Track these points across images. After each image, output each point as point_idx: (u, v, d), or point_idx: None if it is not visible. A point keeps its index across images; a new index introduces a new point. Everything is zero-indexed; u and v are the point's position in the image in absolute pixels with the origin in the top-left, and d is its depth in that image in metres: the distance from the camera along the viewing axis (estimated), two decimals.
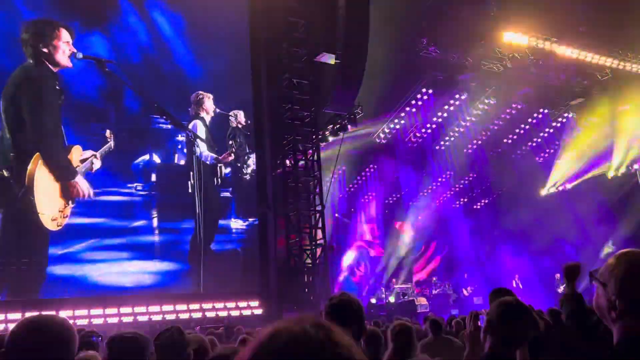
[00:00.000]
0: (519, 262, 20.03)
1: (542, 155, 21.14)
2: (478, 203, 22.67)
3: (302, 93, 13.80)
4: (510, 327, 2.30)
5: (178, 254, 12.44)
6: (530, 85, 17.61)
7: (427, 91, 17.19)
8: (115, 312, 10.72)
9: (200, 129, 12.99)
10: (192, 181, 12.45)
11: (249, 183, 13.90)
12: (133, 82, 11.85)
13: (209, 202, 12.76)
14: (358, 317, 2.48)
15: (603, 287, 1.60)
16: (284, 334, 0.85)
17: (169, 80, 13.06)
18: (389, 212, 21.82)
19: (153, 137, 13.02)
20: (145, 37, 13.03)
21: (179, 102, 12.99)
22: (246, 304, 12.22)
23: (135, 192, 12.43)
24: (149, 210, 12.68)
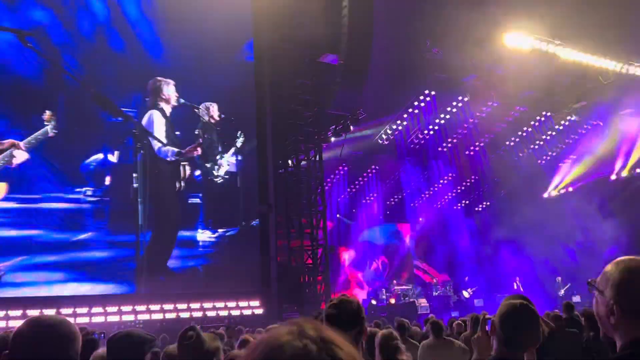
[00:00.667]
0: (520, 265, 19.99)
1: (545, 158, 21.11)
2: (480, 205, 22.65)
3: (305, 93, 13.80)
4: (516, 330, 2.29)
5: (128, 273, 10.79)
6: (533, 88, 17.57)
7: (429, 93, 17.18)
8: (116, 311, 10.72)
9: (158, 121, 11.34)
10: (136, 184, 10.51)
11: (222, 187, 12.34)
12: (83, 64, 10.43)
13: (166, 210, 11.19)
14: (358, 319, 2.48)
15: (601, 295, 1.61)
16: (286, 350, 0.81)
17: (133, 66, 11.52)
18: (390, 213, 21.80)
19: (109, 132, 10.96)
20: (105, 11, 11.44)
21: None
22: (247, 303, 12.22)
23: (84, 198, 10.61)
24: (100, 219, 10.86)
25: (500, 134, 19.39)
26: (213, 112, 12.36)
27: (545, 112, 18.97)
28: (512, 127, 19.16)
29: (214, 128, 12.37)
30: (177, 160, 11.72)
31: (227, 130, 12.78)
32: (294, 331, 0.84)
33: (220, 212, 12.64)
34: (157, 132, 11.39)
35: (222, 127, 12.56)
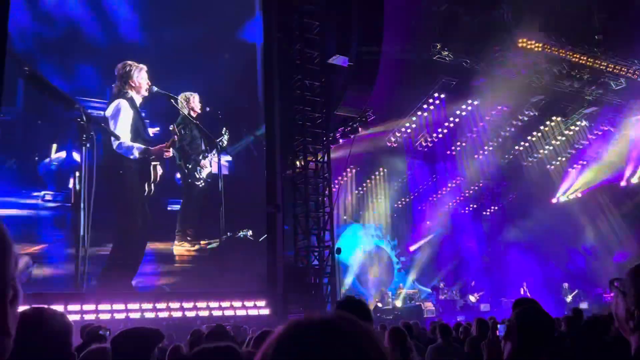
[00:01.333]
0: (527, 270, 19.90)
1: (554, 163, 21.00)
2: (488, 209, 22.56)
3: (314, 95, 13.81)
4: (532, 335, 2.28)
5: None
6: (544, 93, 17.51)
7: (439, 96, 17.15)
8: (123, 309, 10.74)
9: (125, 113, 9.92)
10: (78, 186, 8.97)
11: (204, 192, 11.15)
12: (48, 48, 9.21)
13: (132, 218, 9.84)
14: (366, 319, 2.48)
15: (623, 296, 1.58)
16: (310, 320, 0.84)
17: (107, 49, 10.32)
18: (397, 216, 21.76)
19: (75, 126, 9.13)
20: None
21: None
22: (253, 303, 12.22)
23: (42, 203, 9.29)
24: (61, 229, 9.53)
25: (509, 138, 19.31)
26: (194, 103, 10.84)
27: (555, 116, 18.89)
28: (521, 131, 19.08)
29: (194, 123, 10.92)
30: (144, 159, 10.26)
31: (214, 127, 11.68)
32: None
33: (200, 218, 11.38)
34: (122, 125, 9.88)
35: (206, 122, 11.25)
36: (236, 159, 12.71)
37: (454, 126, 18.54)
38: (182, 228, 11.19)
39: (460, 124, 18.49)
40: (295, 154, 13.96)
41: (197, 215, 11.55)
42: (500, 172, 20.57)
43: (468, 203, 22.30)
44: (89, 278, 9.86)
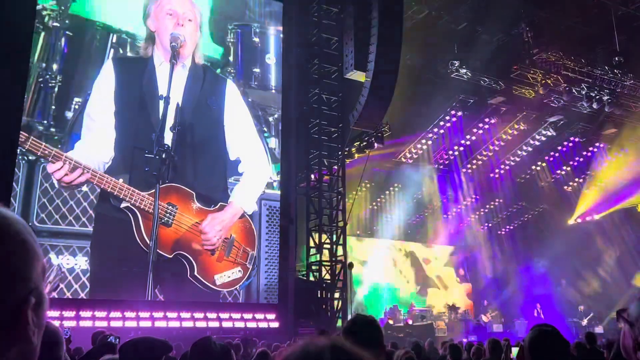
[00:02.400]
0: (542, 291, 19.65)
1: (571, 184, 20.80)
2: (503, 229, 22.37)
3: (331, 109, 13.88)
4: (546, 357, 2.25)
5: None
6: (562, 113, 17.41)
7: (456, 113, 17.13)
8: (134, 316, 10.77)
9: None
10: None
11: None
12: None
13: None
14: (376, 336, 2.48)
15: (630, 327, 1.56)
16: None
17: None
18: (410, 232, 21.66)
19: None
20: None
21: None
22: (263, 316, 12.20)
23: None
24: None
25: (526, 158, 19.19)
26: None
27: (573, 137, 18.75)
28: (538, 151, 18.96)
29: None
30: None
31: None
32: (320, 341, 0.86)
33: None
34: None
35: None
36: None
37: (471, 144, 18.47)
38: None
39: (477, 141, 18.42)
40: (310, 167, 13.99)
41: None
42: (517, 191, 20.41)
43: (483, 221, 22.13)
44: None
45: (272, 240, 12.57)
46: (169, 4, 10.97)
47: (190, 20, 11.06)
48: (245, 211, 11.75)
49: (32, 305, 0.81)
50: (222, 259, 11.42)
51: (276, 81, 13.42)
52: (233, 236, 11.57)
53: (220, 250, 11.38)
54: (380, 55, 12.13)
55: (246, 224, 11.85)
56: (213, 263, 11.30)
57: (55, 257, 9.99)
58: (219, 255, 11.38)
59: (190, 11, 11.21)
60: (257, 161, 12.23)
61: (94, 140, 10.34)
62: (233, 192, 11.66)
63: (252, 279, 11.96)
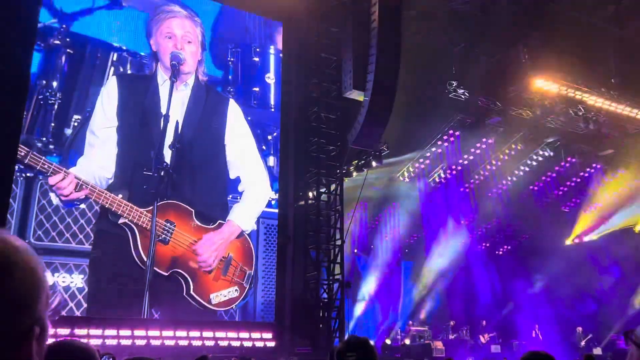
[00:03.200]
0: (539, 312, 19.55)
1: (569, 205, 20.82)
2: (500, 249, 22.33)
3: (330, 128, 13.94)
4: None
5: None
6: (559, 134, 17.51)
7: (454, 133, 17.21)
8: (129, 335, 10.69)
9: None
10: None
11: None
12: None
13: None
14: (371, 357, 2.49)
15: (638, 349, 1.56)
16: None
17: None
18: (409, 252, 21.60)
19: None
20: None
21: None
22: (260, 335, 12.11)
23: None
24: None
25: (523, 178, 19.24)
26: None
27: (570, 158, 18.82)
28: (536, 171, 19.01)
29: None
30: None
31: None
32: None
33: None
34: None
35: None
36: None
37: (468, 163, 18.53)
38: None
39: (474, 161, 18.49)
40: (308, 185, 14.01)
41: None
42: (514, 211, 20.40)
43: (481, 241, 22.10)
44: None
45: (269, 259, 12.54)
46: (167, 28, 11.09)
47: (189, 42, 11.16)
48: (243, 230, 11.73)
49: (36, 335, 0.81)
50: (219, 278, 11.37)
51: (275, 100, 13.50)
52: (231, 255, 11.54)
53: (217, 269, 11.34)
54: (378, 75, 12.22)
55: (245, 243, 11.82)
56: (209, 282, 11.25)
57: (51, 275, 9.94)
58: (216, 274, 11.33)
59: (190, 33, 11.31)
60: (257, 180, 12.25)
61: (96, 156, 10.38)
62: (232, 210, 11.66)
63: (248, 298, 11.90)
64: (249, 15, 13.46)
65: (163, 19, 11.20)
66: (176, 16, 11.40)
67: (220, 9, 13.01)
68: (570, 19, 13.99)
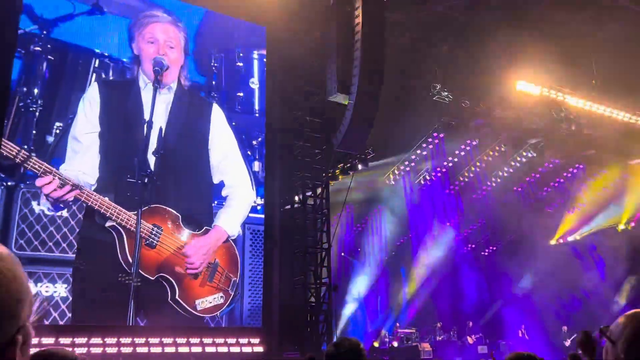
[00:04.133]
0: (525, 312, 19.71)
1: (553, 205, 21.03)
2: (486, 250, 22.48)
3: (314, 131, 13.96)
4: None
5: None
6: (542, 135, 17.68)
7: (438, 135, 17.32)
8: (115, 342, 10.59)
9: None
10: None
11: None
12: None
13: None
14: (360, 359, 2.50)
15: (612, 345, 1.60)
16: None
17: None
18: (395, 254, 21.66)
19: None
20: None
21: None
22: (247, 340, 12.06)
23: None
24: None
25: (508, 179, 19.40)
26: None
27: (553, 159, 19.01)
28: (520, 172, 19.18)
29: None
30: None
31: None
32: None
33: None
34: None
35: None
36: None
37: (453, 165, 18.65)
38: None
39: (459, 163, 18.61)
40: (294, 189, 14.00)
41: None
42: (499, 212, 20.56)
43: (467, 243, 22.23)
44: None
45: (255, 264, 12.50)
46: (150, 32, 11.03)
47: (172, 48, 11.11)
48: (229, 235, 11.69)
49: (19, 344, 0.80)
50: (205, 284, 11.31)
51: (260, 105, 13.48)
52: (217, 261, 11.49)
53: (204, 274, 11.28)
54: (363, 79, 12.25)
55: (230, 249, 11.78)
56: (195, 287, 11.19)
57: (34, 285, 9.82)
58: (202, 279, 11.28)
59: (173, 38, 11.26)
60: (241, 185, 12.21)
61: (78, 162, 10.29)
62: (217, 215, 11.61)
63: (233, 305, 11.84)
64: (233, 20, 13.43)
65: (146, 24, 11.14)
66: (159, 21, 11.34)
67: (204, 14, 12.96)
68: (551, 21, 14.15)
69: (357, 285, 19.66)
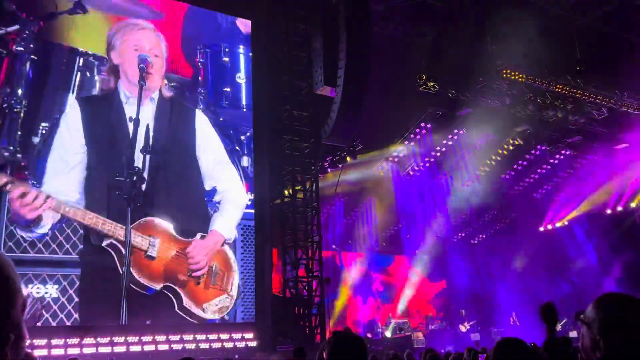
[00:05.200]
0: (516, 298, 19.90)
1: (540, 192, 21.21)
2: (476, 238, 22.64)
3: (302, 125, 13.94)
4: None
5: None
6: (528, 123, 17.80)
7: (426, 125, 17.37)
8: (108, 342, 10.56)
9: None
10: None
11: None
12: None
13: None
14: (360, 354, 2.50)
15: (588, 328, 1.65)
16: None
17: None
18: (386, 244, 21.76)
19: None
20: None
21: None
22: (241, 335, 12.08)
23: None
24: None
25: (496, 167, 19.51)
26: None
27: (540, 145, 19.15)
28: (508, 160, 19.31)
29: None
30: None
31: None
32: None
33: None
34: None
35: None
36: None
37: (441, 155, 18.73)
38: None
39: (447, 152, 18.69)
40: (283, 183, 14.00)
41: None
42: (488, 200, 20.70)
43: (457, 231, 22.37)
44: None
45: (247, 259, 12.51)
46: (135, 40, 10.87)
47: (156, 56, 10.99)
48: (226, 239, 11.70)
49: (11, 343, 0.81)
50: (209, 287, 11.34)
51: (247, 100, 13.44)
52: (216, 264, 11.51)
53: (206, 278, 11.29)
54: (349, 71, 12.26)
55: (224, 253, 11.78)
56: (200, 292, 11.20)
57: (24, 287, 9.73)
58: (205, 283, 11.29)
59: (157, 47, 11.14)
60: (233, 189, 12.17)
61: (63, 182, 10.11)
62: (212, 220, 11.58)
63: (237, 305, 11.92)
64: (217, 15, 13.36)
65: (129, 31, 10.98)
66: (144, 28, 11.19)
67: (188, 9, 12.88)
68: (535, 8, 14.22)
69: (349, 277, 19.74)
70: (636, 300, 1.65)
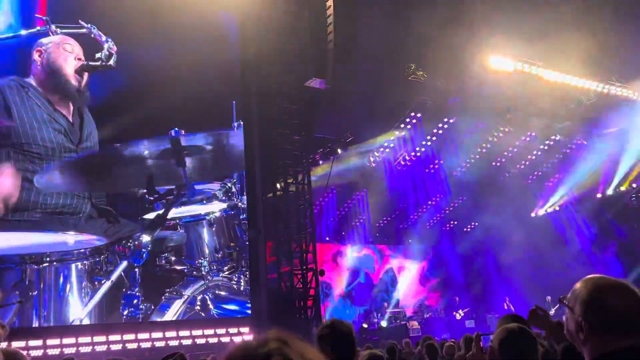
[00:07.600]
0: (509, 285, 20.03)
1: (531, 178, 21.30)
2: (469, 225, 22.72)
3: (293, 118, 13.88)
4: (516, 355, 2.31)
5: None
6: (518, 109, 17.83)
7: (416, 115, 17.36)
8: (104, 340, 10.53)
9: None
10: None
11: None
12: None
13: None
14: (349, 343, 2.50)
15: (571, 311, 1.68)
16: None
17: None
18: (379, 235, 21.81)
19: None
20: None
21: None
22: (236, 329, 12.08)
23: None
24: None
25: (486, 155, 19.56)
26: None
27: (530, 132, 19.20)
28: (498, 147, 19.35)
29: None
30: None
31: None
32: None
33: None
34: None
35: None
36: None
37: (432, 144, 18.74)
38: None
39: (438, 141, 18.70)
40: (275, 177, 13.96)
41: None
42: (480, 187, 20.77)
43: (449, 220, 22.45)
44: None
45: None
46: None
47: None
48: None
49: None
50: None
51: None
52: None
53: None
54: (338, 62, 12.23)
55: None
56: None
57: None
58: None
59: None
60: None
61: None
62: None
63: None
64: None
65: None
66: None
67: None
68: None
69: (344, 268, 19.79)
70: (615, 281, 1.68)
